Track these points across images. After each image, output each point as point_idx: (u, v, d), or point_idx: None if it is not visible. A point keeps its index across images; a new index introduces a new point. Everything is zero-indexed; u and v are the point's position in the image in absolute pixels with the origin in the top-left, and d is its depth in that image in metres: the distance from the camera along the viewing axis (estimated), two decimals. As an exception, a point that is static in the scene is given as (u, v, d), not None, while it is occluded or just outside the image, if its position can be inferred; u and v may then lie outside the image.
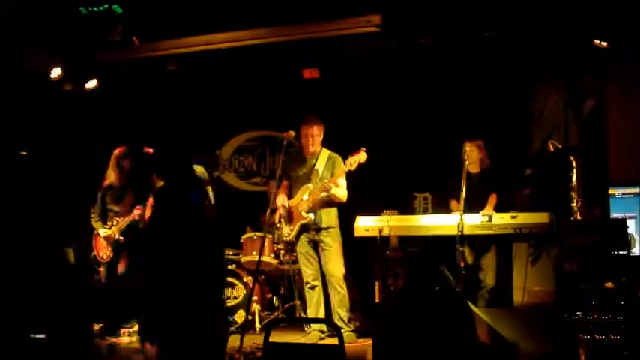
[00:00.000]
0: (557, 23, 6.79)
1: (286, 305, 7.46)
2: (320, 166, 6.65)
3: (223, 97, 8.92)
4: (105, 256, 7.19)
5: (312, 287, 6.65)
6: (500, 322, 4.29)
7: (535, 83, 7.64)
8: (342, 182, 6.54)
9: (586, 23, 6.72)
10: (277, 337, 4.00)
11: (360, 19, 6.98)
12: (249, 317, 7.00)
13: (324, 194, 6.49)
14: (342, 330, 5.78)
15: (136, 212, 7.02)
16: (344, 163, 6.41)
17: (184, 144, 5.32)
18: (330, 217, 6.61)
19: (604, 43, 6.81)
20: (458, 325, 3.91)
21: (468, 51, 7.45)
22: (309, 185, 6.60)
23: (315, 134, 6.65)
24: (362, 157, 6.35)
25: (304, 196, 6.59)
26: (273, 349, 3.86)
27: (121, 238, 7.11)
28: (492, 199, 6.61)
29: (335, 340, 6.32)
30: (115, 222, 7.14)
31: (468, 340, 3.91)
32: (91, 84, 8.36)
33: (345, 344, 4.19)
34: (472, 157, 6.69)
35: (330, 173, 6.58)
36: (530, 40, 7.10)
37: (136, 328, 6.78)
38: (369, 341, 6.30)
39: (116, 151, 7.28)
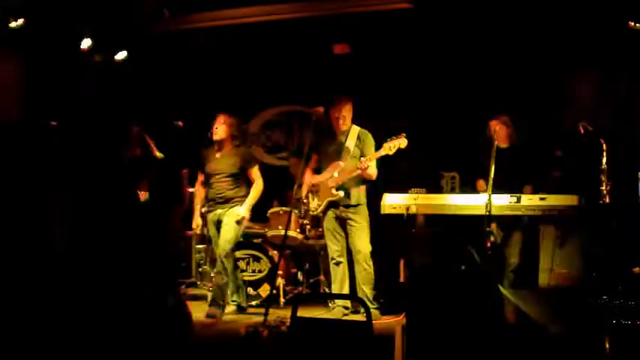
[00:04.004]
0: (592, 4, 6.69)
1: (311, 280, 7.51)
2: (350, 143, 6.63)
3: (253, 70, 8.90)
4: None
5: (338, 263, 6.67)
6: (528, 303, 4.29)
7: (568, 64, 7.54)
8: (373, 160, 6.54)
9: (622, 5, 6.62)
10: (300, 312, 4.00)
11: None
12: (274, 291, 7.05)
13: (357, 172, 6.49)
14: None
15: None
16: (382, 147, 6.38)
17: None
18: (359, 194, 6.61)
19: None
20: (485, 306, 3.90)
21: (499, 29, 7.38)
22: (341, 162, 6.59)
23: (344, 115, 6.64)
24: (402, 142, 6.29)
25: (335, 173, 6.58)
26: (301, 325, 3.88)
27: None
28: (527, 190, 6.55)
29: (358, 317, 6.42)
30: None
31: (495, 320, 3.91)
32: (121, 55, 8.38)
33: (369, 321, 4.19)
34: (501, 134, 6.61)
35: (360, 150, 6.58)
36: (564, 21, 7.01)
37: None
38: (393, 318, 6.37)
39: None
